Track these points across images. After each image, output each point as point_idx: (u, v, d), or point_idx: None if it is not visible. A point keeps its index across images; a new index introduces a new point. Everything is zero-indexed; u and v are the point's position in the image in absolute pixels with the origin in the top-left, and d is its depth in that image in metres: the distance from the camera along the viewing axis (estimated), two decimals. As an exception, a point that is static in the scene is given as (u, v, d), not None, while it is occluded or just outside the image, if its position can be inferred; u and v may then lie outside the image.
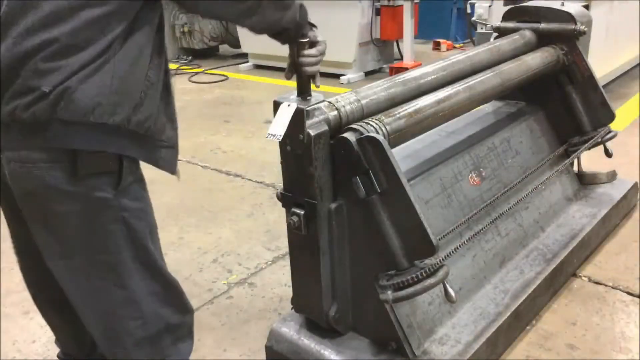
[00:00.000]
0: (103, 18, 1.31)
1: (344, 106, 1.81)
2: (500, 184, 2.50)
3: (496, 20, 3.14)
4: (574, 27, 2.73)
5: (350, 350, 1.97)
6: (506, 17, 2.98)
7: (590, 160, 3.25)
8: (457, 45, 8.48)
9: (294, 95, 1.75)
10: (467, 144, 2.46)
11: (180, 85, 6.92)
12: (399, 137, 1.90)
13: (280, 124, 1.68)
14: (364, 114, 1.87)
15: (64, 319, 1.83)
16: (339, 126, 1.79)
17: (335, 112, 1.78)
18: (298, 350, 2.03)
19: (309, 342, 2.02)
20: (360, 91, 1.93)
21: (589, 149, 2.88)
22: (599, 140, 2.87)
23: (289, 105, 1.69)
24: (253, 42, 7.48)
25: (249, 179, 4.02)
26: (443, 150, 2.38)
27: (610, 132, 2.91)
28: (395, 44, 7.17)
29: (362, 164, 1.71)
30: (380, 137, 1.70)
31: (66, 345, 1.96)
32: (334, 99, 1.82)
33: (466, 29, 8.38)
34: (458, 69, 2.34)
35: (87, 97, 1.30)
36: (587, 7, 4.22)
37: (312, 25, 1.69)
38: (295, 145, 1.71)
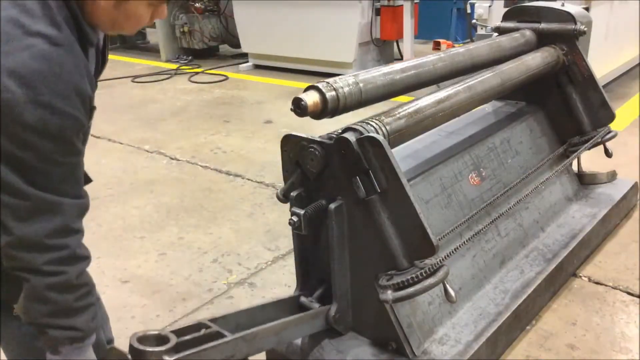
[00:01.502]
0: None
1: (342, 87, 1.78)
2: (500, 184, 2.50)
3: (496, 21, 3.14)
4: (574, 27, 2.73)
5: (350, 350, 1.97)
6: (506, 17, 2.98)
7: (590, 160, 3.25)
8: (457, 46, 8.47)
9: None
10: (467, 144, 2.46)
11: (181, 85, 6.92)
12: (399, 137, 1.90)
13: None
14: (362, 98, 1.85)
15: None
16: (336, 108, 1.77)
17: (333, 93, 1.75)
18: (298, 350, 2.03)
19: (309, 342, 2.02)
20: (359, 74, 1.90)
21: (589, 149, 2.88)
22: (599, 140, 2.87)
23: None
24: (253, 42, 7.49)
25: (249, 179, 4.02)
26: (443, 150, 2.38)
27: (610, 132, 2.91)
28: (395, 44, 7.17)
29: (362, 164, 1.71)
30: (380, 137, 1.70)
31: None
32: (332, 80, 1.79)
33: (466, 29, 8.38)
34: (457, 60, 2.34)
35: None
36: (587, 7, 4.22)
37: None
38: None
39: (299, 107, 1.70)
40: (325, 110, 1.74)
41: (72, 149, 1.16)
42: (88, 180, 1.54)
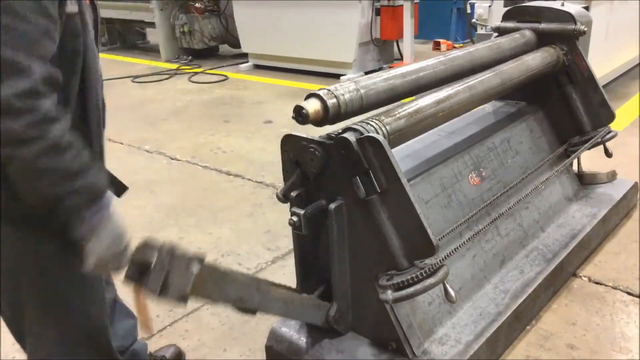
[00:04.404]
0: None
1: (342, 94, 1.79)
2: (500, 184, 2.50)
3: (496, 21, 3.14)
4: (574, 27, 2.73)
5: (350, 350, 1.97)
6: (506, 17, 2.98)
7: (590, 160, 3.25)
8: (457, 46, 8.48)
9: None
10: (467, 144, 2.46)
11: (180, 86, 6.92)
12: (399, 137, 1.90)
13: None
14: (363, 104, 1.86)
15: None
16: (337, 114, 1.78)
17: (334, 100, 1.76)
18: (298, 350, 2.03)
19: (309, 342, 2.02)
20: (359, 81, 1.91)
21: (589, 149, 2.88)
22: (599, 140, 2.87)
23: None
24: (253, 42, 7.49)
25: (249, 179, 4.02)
26: (443, 150, 2.38)
27: (610, 132, 2.91)
28: (395, 44, 7.18)
29: (362, 164, 1.71)
30: (380, 137, 1.70)
31: None
32: (333, 87, 1.80)
33: (466, 29, 8.39)
34: (457, 64, 2.34)
35: None
36: (587, 7, 4.22)
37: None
38: None
39: (300, 115, 1.71)
40: (327, 117, 1.76)
41: (40, 8, 1.16)
42: (124, 188, 1.54)
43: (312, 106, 1.72)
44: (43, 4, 1.17)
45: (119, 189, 1.54)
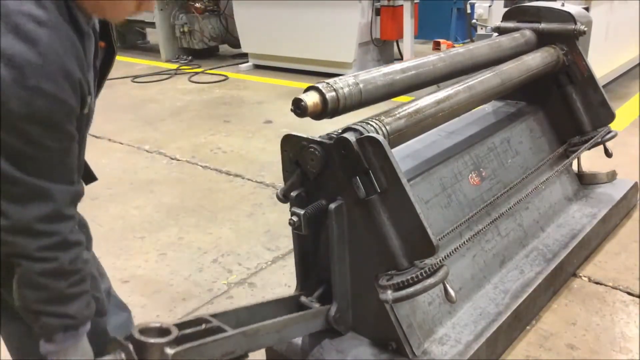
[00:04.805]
0: None
1: (342, 88, 1.79)
2: (500, 184, 2.50)
3: (496, 21, 3.14)
4: (574, 27, 2.74)
5: (350, 350, 1.97)
6: (506, 17, 2.98)
7: (590, 160, 3.25)
8: (456, 46, 8.47)
9: None
10: (467, 144, 2.46)
11: (180, 86, 6.92)
12: (399, 137, 1.90)
13: None
14: (362, 99, 1.86)
15: None
16: (336, 108, 1.77)
17: (333, 94, 1.76)
18: (298, 350, 2.03)
19: (309, 342, 2.02)
20: (359, 75, 1.91)
21: (589, 149, 2.88)
22: (599, 140, 2.87)
23: None
24: (253, 42, 7.49)
25: (249, 179, 4.02)
26: (443, 150, 2.38)
27: (610, 132, 2.91)
28: (395, 44, 7.18)
29: (362, 164, 1.71)
30: (380, 137, 1.70)
31: None
32: (332, 80, 1.80)
33: (466, 29, 8.38)
34: (457, 61, 2.34)
35: None
36: (587, 7, 4.22)
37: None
38: None
39: (299, 108, 1.70)
40: (325, 110, 1.74)
41: (62, 134, 1.12)
42: (93, 178, 1.53)
43: (311, 99, 1.71)
44: (64, 130, 1.12)
45: (88, 178, 1.53)
